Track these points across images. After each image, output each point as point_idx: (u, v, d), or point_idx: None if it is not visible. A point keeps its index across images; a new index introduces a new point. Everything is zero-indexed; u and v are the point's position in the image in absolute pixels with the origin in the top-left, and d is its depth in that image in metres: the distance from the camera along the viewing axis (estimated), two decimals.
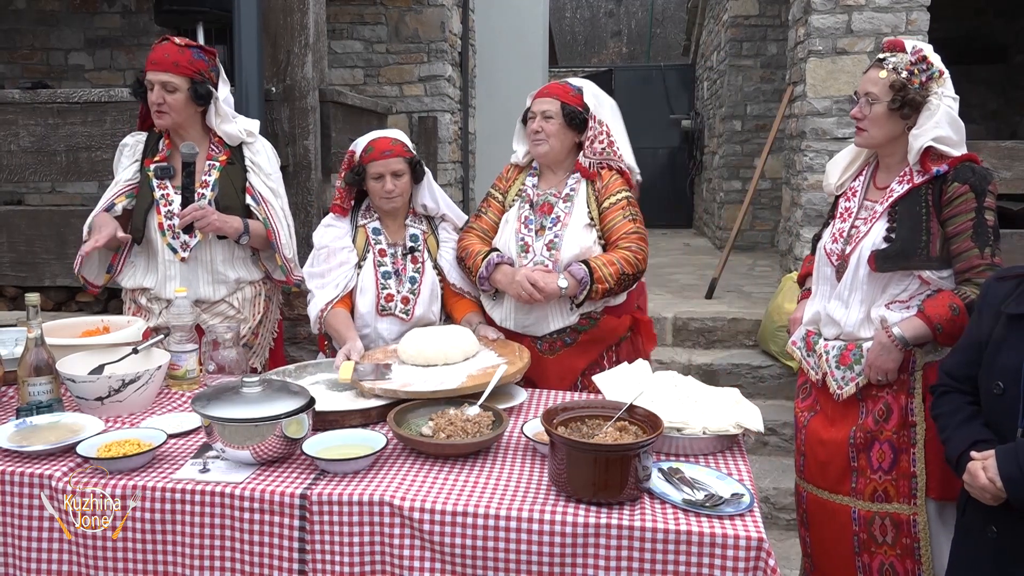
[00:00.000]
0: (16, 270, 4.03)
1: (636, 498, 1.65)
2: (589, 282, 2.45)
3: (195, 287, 2.68)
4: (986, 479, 1.74)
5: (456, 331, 2.35)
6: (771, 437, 4.07)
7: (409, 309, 2.58)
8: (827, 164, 2.49)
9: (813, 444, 2.34)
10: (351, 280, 2.58)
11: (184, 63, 2.56)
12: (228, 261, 2.73)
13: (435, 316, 2.64)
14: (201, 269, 2.70)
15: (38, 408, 2.03)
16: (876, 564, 2.25)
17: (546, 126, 2.56)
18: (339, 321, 2.51)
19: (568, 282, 2.47)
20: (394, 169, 2.52)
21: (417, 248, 2.63)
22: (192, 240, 2.65)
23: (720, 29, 8.44)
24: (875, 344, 2.16)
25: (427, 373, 2.17)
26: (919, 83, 2.13)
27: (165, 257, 2.68)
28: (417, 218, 2.67)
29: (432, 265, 2.64)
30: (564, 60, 18.38)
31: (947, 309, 2.07)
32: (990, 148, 4.33)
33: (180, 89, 2.57)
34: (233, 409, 1.79)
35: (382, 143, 2.53)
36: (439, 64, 6.23)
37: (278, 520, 1.68)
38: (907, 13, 4.50)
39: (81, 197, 6.30)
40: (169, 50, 2.57)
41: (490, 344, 2.42)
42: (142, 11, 6.19)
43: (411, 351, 2.26)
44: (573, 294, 2.49)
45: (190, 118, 2.66)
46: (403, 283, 2.58)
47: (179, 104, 2.58)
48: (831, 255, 2.30)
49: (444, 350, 2.25)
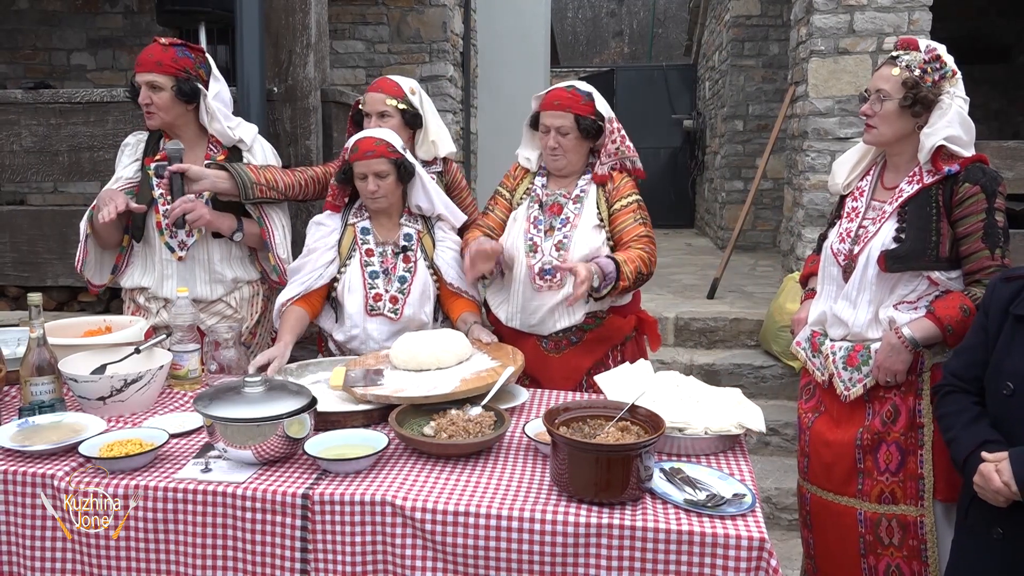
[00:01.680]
0: (18, 270, 4.03)
1: (638, 498, 1.65)
2: (616, 275, 2.38)
3: (192, 286, 2.67)
4: (1001, 482, 1.73)
5: (449, 335, 2.33)
6: (773, 437, 4.06)
7: (398, 309, 2.55)
8: (833, 164, 2.48)
9: (818, 446, 2.33)
10: (318, 279, 2.55)
11: (167, 62, 2.56)
12: (225, 260, 2.73)
13: (427, 317, 2.61)
14: (199, 268, 2.70)
15: (40, 408, 2.03)
16: (882, 566, 2.24)
17: (563, 142, 2.52)
18: (286, 320, 2.49)
19: (596, 272, 2.35)
20: (376, 170, 2.48)
21: (410, 247, 2.60)
22: (189, 239, 2.66)
23: (722, 29, 8.43)
24: (884, 345, 2.15)
25: (420, 378, 2.14)
26: (931, 82, 2.12)
27: (163, 256, 2.69)
28: (412, 217, 2.65)
29: (427, 265, 2.62)
30: (566, 60, 18.38)
31: (958, 310, 2.06)
32: (993, 148, 4.32)
33: (164, 88, 2.57)
34: (235, 409, 1.79)
35: (366, 143, 2.49)
36: (441, 64, 6.23)
37: (280, 520, 1.68)
38: (909, 13, 4.49)
39: (83, 197, 6.30)
40: (153, 50, 2.58)
41: (483, 347, 2.40)
42: (144, 11, 6.20)
43: (403, 356, 2.24)
44: (598, 285, 2.37)
45: (181, 117, 2.65)
46: (392, 282, 2.56)
47: (165, 103, 2.58)
48: (838, 255, 2.29)
49: (437, 354, 2.22)
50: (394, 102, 2.73)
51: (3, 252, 4.02)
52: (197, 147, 2.71)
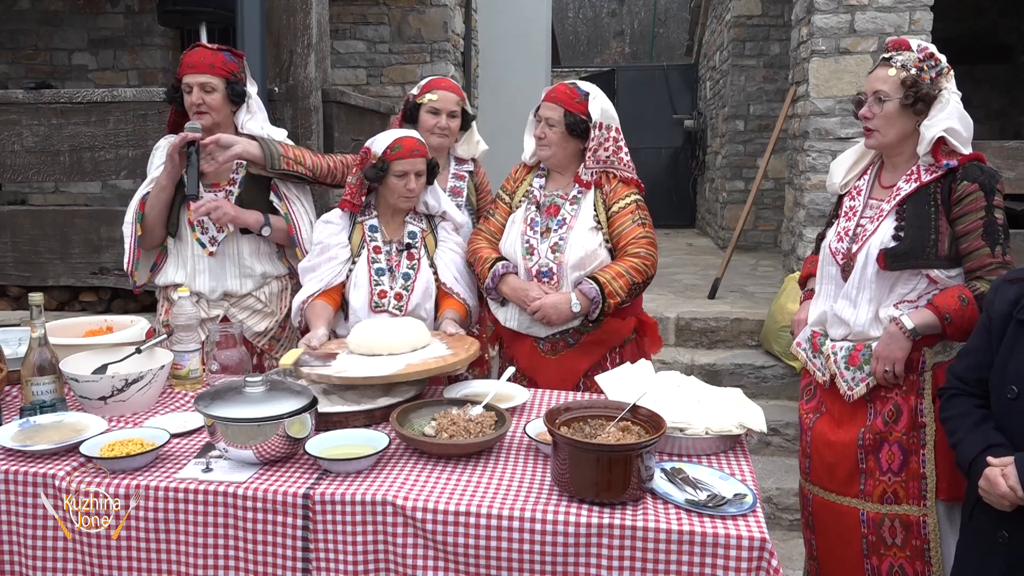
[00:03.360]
0: (19, 270, 4.04)
1: (639, 498, 1.65)
2: (601, 299, 2.46)
3: (223, 281, 2.76)
4: (1007, 487, 1.73)
5: (406, 323, 2.34)
6: (774, 437, 4.06)
7: (402, 306, 2.57)
8: (831, 163, 2.48)
9: (820, 446, 2.33)
10: (337, 276, 2.57)
11: (219, 64, 2.66)
12: (255, 255, 2.79)
13: (427, 313, 2.62)
14: (229, 263, 2.76)
15: (41, 408, 2.03)
16: (885, 566, 2.24)
17: (548, 133, 2.57)
18: (313, 311, 2.51)
19: (581, 303, 2.48)
20: (419, 169, 2.54)
21: (414, 245, 2.62)
22: (220, 235, 2.72)
23: (723, 29, 8.43)
24: (883, 335, 2.15)
25: (369, 362, 2.15)
26: (930, 79, 2.13)
27: (195, 252, 2.75)
28: (417, 216, 2.67)
29: (429, 263, 2.64)
30: (567, 60, 18.38)
31: (956, 299, 2.06)
32: (994, 148, 4.32)
33: (217, 89, 2.67)
34: (236, 409, 1.79)
35: (410, 142, 2.53)
36: (442, 64, 6.23)
37: (281, 520, 1.68)
38: (910, 13, 4.49)
39: (84, 197, 6.31)
40: (204, 53, 2.67)
41: (444, 337, 2.41)
42: (145, 11, 6.20)
43: (357, 341, 2.25)
44: (586, 312, 2.50)
45: (226, 118, 2.74)
46: (396, 279, 2.58)
47: (217, 103, 2.68)
48: (836, 254, 2.29)
49: (389, 341, 2.22)
50: (460, 103, 2.92)
51: (4, 252, 4.03)
52: None
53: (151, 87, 5.62)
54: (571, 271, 2.53)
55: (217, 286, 2.74)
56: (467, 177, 3.05)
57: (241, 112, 2.76)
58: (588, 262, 2.52)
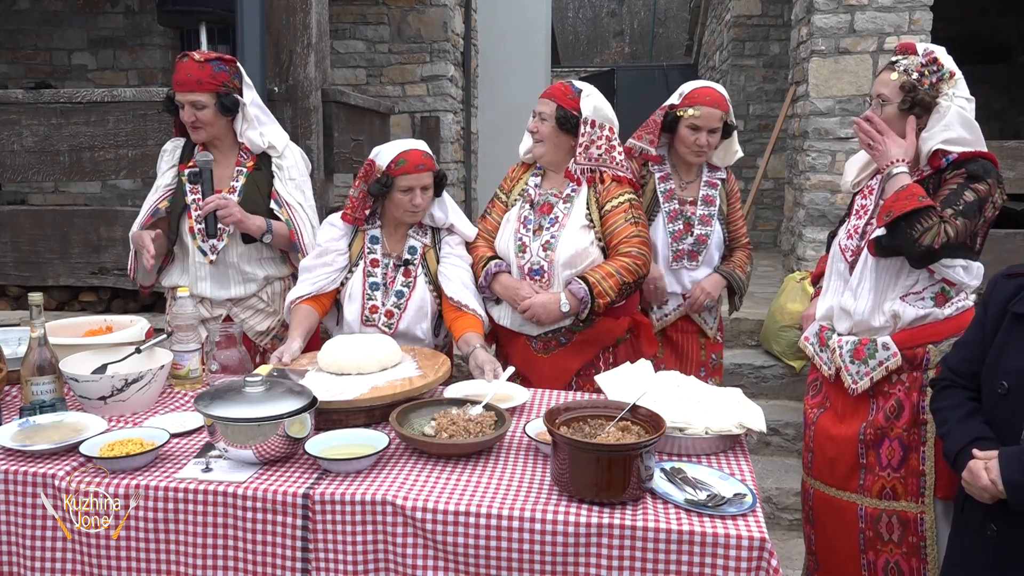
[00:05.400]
0: (19, 270, 4.04)
1: (638, 498, 1.65)
2: (590, 299, 2.46)
3: (226, 286, 2.76)
4: (988, 480, 1.74)
5: (377, 340, 2.28)
6: (774, 437, 4.06)
7: (392, 323, 2.54)
8: (845, 163, 2.50)
9: (822, 440, 2.34)
10: (331, 282, 2.55)
11: (206, 79, 2.61)
12: (256, 261, 2.79)
13: (423, 334, 2.58)
14: (231, 270, 2.77)
15: (41, 407, 2.03)
16: (881, 562, 2.25)
17: (541, 127, 2.57)
18: (295, 318, 2.48)
19: (570, 303, 2.49)
20: (425, 183, 2.49)
21: (412, 262, 2.58)
22: (219, 243, 2.71)
23: (723, 29, 8.43)
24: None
25: (336, 381, 2.11)
26: (929, 84, 2.13)
27: (196, 259, 2.74)
28: (421, 229, 2.62)
29: (426, 280, 2.58)
30: (567, 60, 18.39)
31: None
32: (993, 148, 4.29)
33: (208, 105, 2.63)
34: (236, 409, 1.79)
35: (415, 156, 2.47)
36: (441, 64, 6.23)
37: (281, 520, 1.68)
38: (910, 13, 4.49)
39: (84, 197, 6.31)
40: (190, 68, 2.61)
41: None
42: (145, 11, 6.20)
43: (326, 359, 2.21)
44: (576, 312, 2.50)
45: (223, 128, 2.73)
46: (389, 296, 2.55)
47: (209, 118, 2.65)
48: (846, 251, 2.30)
49: (359, 359, 2.17)
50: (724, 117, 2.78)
51: (4, 252, 4.03)
52: (231, 154, 2.77)
53: (151, 87, 5.63)
54: (562, 269, 2.53)
55: (220, 291, 2.75)
56: (719, 185, 2.91)
57: (238, 120, 2.73)
58: (579, 260, 2.52)
